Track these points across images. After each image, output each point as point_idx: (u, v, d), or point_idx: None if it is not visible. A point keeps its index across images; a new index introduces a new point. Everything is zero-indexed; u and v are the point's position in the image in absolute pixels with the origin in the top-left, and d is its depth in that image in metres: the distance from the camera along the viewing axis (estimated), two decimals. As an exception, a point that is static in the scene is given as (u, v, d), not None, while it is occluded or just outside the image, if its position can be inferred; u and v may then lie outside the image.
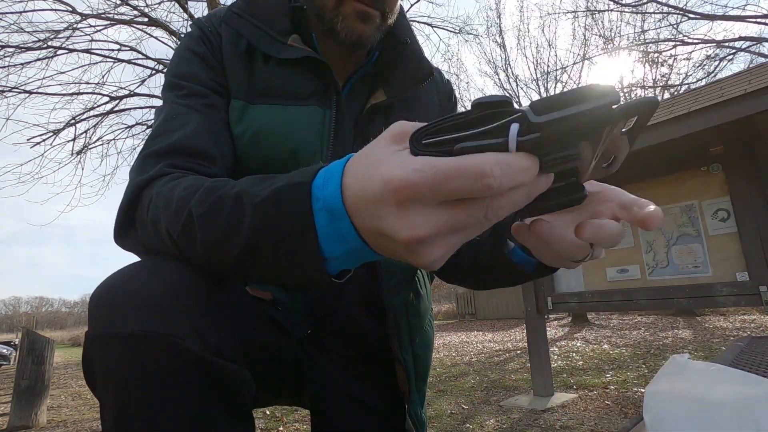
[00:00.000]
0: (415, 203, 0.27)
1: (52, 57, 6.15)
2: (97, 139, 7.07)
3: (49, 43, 6.04)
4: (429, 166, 0.25)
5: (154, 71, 7.02)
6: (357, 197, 0.29)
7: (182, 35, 6.40)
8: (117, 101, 6.94)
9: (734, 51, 7.57)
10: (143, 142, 0.56)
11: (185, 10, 6.52)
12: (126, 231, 0.48)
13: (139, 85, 7.01)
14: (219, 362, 0.40)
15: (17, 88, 6.07)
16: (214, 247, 0.38)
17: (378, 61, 0.68)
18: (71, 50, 6.30)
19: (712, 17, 7.06)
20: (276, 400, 0.71)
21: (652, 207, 0.36)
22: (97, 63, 6.61)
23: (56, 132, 6.64)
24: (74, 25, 6.13)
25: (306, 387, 0.69)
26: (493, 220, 0.28)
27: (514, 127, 0.26)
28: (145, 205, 0.45)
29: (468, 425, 2.72)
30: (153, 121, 0.60)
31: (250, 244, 0.35)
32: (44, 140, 6.58)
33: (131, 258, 0.49)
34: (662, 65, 9.69)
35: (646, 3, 7.42)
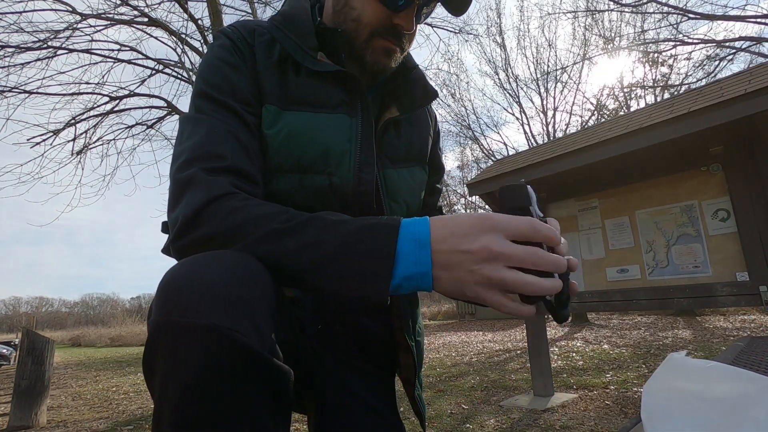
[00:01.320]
0: (493, 232, 0.43)
1: (52, 57, 6.14)
2: (97, 139, 7.06)
3: (49, 43, 6.02)
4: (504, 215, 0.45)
5: (154, 71, 7.01)
6: (446, 230, 0.44)
7: (182, 35, 6.40)
8: (117, 101, 6.93)
9: (734, 51, 7.56)
10: (179, 145, 0.59)
11: (185, 10, 6.51)
12: (186, 237, 0.51)
13: (139, 85, 6.99)
14: (276, 362, 0.41)
15: (17, 88, 6.05)
16: (292, 254, 0.46)
17: (390, 81, 0.77)
18: (71, 50, 6.28)
19: (712, 17, 7.05)
20: None
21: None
22: (97, 63, 6.60)
23: (56, 132, 6.63)
24: (74, 25, 6.11)
25: (310, 386, 0.70)
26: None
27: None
28: (218, 216, 0.50)
29: (468, 425, 2.72)
30: (184, 121, 0.62)
31: (331, 256, 0.45)
32: (44, 140, 6.56)
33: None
34: (662, 65, 9.69)
35: (646, 3, 7.41)
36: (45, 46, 6.01)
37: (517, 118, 14.24)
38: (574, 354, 5.40)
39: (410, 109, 0.76)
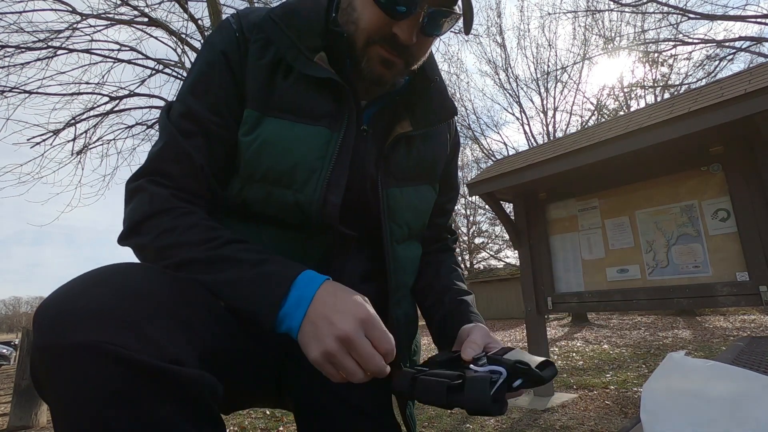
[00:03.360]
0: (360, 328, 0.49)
1: (52, 57, 6.15)
2: (97, 139, 7.07)
3: (49, 43, 6.03)
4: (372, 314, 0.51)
5: (154, 71, 7.02)
6: (328, 303, 0.50)
7: (182, 35, 6.40)
8: (117, 101, 6.94)
9: (734, 51, 7.56)
10: (148, 153, 0.62)
11: (185, 10, 6.52)
12: (129, 239, 0.57)
13: (139, 85, 7.01)
14: (174, 369, 0.40)
15: (17, 88, 6.07)
16: (207, 282, 0.52)
17: (405, 91, 0.72)
18: (71, 50, 6.29)
19: (712, 17, 7.05)
20: (252, 402, 0.72)
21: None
22: (97, 63, 6.61)
23: (56, 132, 6.64)
24: (74, 25, 6.12)
25: (288, 389, 0.69)
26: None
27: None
28: (151, 234, 0.55)
29: (468, 425, 2.72)
30: (158, 123, 0.63)
31: (234, 290, 0.52)
32: (44, 140, 6.58)
33: (129, 258, 0.57)
34: (662, 65, 9.69)
35: (646, 3, 7.41)
36: (45, 46, 6.02)
37: (517, 118, 14.30)
38: (574, 354, 5.40)
39: (424, 126, 0.70)
